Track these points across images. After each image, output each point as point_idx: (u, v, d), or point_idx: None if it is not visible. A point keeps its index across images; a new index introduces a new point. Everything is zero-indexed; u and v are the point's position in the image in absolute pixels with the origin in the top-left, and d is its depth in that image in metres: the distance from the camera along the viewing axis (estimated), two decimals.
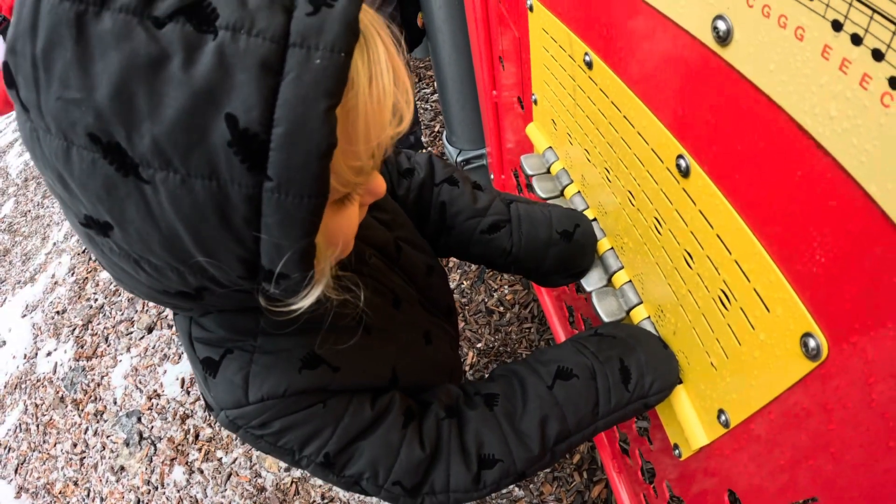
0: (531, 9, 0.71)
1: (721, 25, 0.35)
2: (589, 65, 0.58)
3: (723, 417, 0.49)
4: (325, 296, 0.37)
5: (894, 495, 0.32)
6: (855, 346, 0.32)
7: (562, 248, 0.64)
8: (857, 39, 0.27)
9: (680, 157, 0.45)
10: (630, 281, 0.65)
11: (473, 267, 1.75)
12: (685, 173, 0.45)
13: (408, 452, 0.47)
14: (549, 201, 0.78)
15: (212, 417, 0.46)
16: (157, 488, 1.59)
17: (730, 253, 0.42)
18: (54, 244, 2.67)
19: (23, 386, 2.08)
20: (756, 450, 0.46)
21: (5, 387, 2.11)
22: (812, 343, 0.35)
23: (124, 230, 0.29)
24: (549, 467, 0.55)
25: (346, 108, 0.29)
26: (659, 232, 0.54)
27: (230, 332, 0.42)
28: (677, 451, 0.62)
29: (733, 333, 0.44)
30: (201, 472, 1.58)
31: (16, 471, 1.83)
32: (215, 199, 0.27)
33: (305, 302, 0.34)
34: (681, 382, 0.57)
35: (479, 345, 1.58)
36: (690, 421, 0.55)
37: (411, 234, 0.61)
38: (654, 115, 0.48)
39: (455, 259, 1.75)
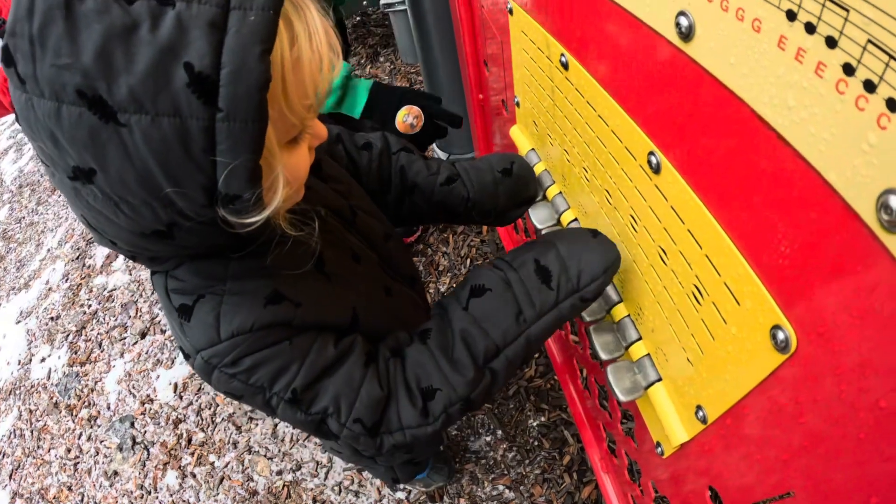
0: (511, 12, 0.72)
1: (683, 21, 0.35)
2: (565, 65, 0.58)
3: (700, 413, 0.49)
4: (282, 229, 0.44)
5: (867, 486, 0.32)
6: (822, 338, 0.32)
7: (508, 184, 0.74)
8: (810, 28, 0.27)
9: (651, 153, 0.45)
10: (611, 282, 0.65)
11: (463, 270, 1.74)
12: (656, 170, 0.45)
13: (368, 390, 0.50)
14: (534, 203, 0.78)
15: (189, 365, 0.49)
16: (150, 493, 1.58)
17: (700, 248, 0.42)
18: (48, 251, 2.67)
19: (17, 392, 2.07)
20: (733, 445, 0.46)
21: (0, 393, 2.10)
22: (781, 335, 0.35)
23: (106, 172, 0.34)
24: (496, 388, 0.55)
25: (294, 59, 0.37)
26: (635, 229, 0.54)
27: (202, 279, 0.46)
28: (660, 450, 0.62)
29: (707, 328, 0.44)
30: (194, 476, 1.57)
31: (10, 476, 1.82)
32: (179, 132, 0.33)
33: (261, 215, 0.39)
34: (616, 267, 0.54)
35: None
36: (670, 418, 0.55)
37: (367, 203, 0.67)
38: (625, 112, 0.48)
39: (441, 260, 1.75)
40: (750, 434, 0.43)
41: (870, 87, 0.25)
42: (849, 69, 0.26)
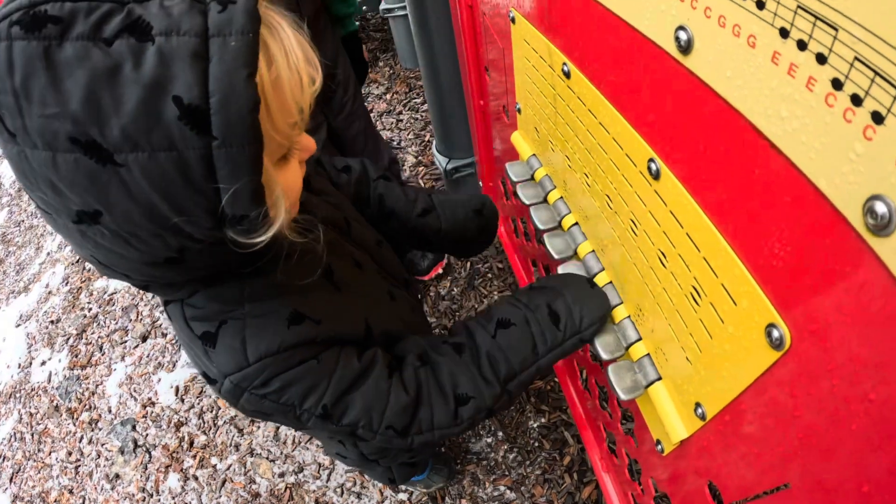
0: (513, 21, 0.74)
1: (682, 35, 0.37)
2: (567, 74, 0.60)
3: (699, 410, 0.51)
4: (287, 239, 0.45)
5: (859, 475, 0.34)
6: (815, 335, 0.34)
7: (478, 222, 0.82)
8: (802, 45, 0.29)
9: (651, 160, 0.47)
10: (610, 282, 0.67)
11: (463, 273, 1.76)
12: (656, 176, 0.47)
13: (395, 397, 0.53)
14: (531, 207, 0.80)
15: (214, 393, 0.52)
16: (151, 495, 1.59)
17: (699, 250, 0.44)
18: (48, 254, 2.67)
19: (17, 395, 2.07)
20: (731, 440, 0.48)
21: (0, 396, 2.10)
22: (776, 333, 0.36)
23: (111, 212, 0.35)
24: (508, 406, 0.64)
25: (273, 79, 0.37)
26: (635, 233, 0.56)
27: (220, 304, 0.47)
28: (660, 447, 0.64)
29: (705, 328, 0.46)
30: (196, 478, 1.58)
31: (10, 479, 1.82)
32: (177, 164, 0.33)
33: (268, 234, 0.40)
34: (609, 314, 0.64)
35: None
36: (670, 416, 0.57)
37: (356, 214, 0.70)
38: (626, 120, 0.50)
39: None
40: (747, 429, 0.45)
41: (856, 100, 0.27)
42: (837, 84, 0.28)
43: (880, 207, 0.26)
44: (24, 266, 2.69)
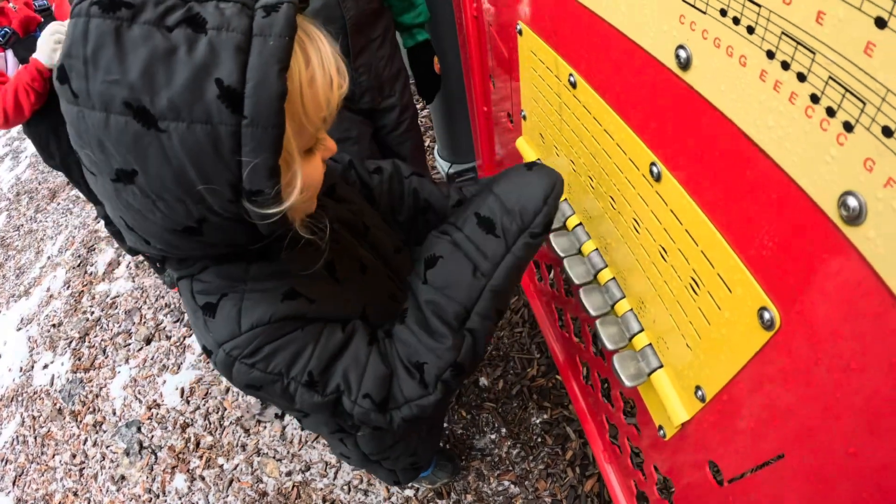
0: (520, 33, 0.79)
1: (682, 53, 0.42)
2: (573, 84, 0.66)
3: (699, 393, 0.55)
4: (296, 232, 0.49)
5: (845, 438, 0.38)
6: (801, 315, 0.39)
7: None
8: (785, 66, 0.34)
9: (653, 164, 0.52)
10: (613, 278, 0.72)
11: None
12: (657, 178, 0.52)
13: (374, 366, 0.55)
14: None
15: (210, 365, 0.55)
16: (158, 496, 1.60)
17: (697, 244, 0.49)
18: (49, 258, 2.68)
19: (19, 398, 2.07)
20: (730, 418, 0.52)
21: (1, 399, 2.10)
22: (767, 315, 0.41)
23: (146, 173, 0.39)
24: (482, 348, 0.57)
25: (309, 77, 0.43)
26: (637, 231, 0.61)
27: (224, 280, 0.52)
28: (662, 432, 0.68)
29: (703, 315, 0.51)
30: (202, 479, 1.59)
31: (14, 483, 1.82)
32: (210, 137, 0.38)
33: (283, 206, 0.44)
34: (558, 191, 0.55)
35: None
36: (672, 400, 0.61)
37: (378, 221, 0.73)
38: (629, 128, 0.55)
39: None
40: (744, 406, 0.49)
41: (831, 112, 0.32)
42: (815, 98, 0.33)
43: (852, 201, 0.31)
44: (24, 270, 2.69)
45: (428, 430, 0.99)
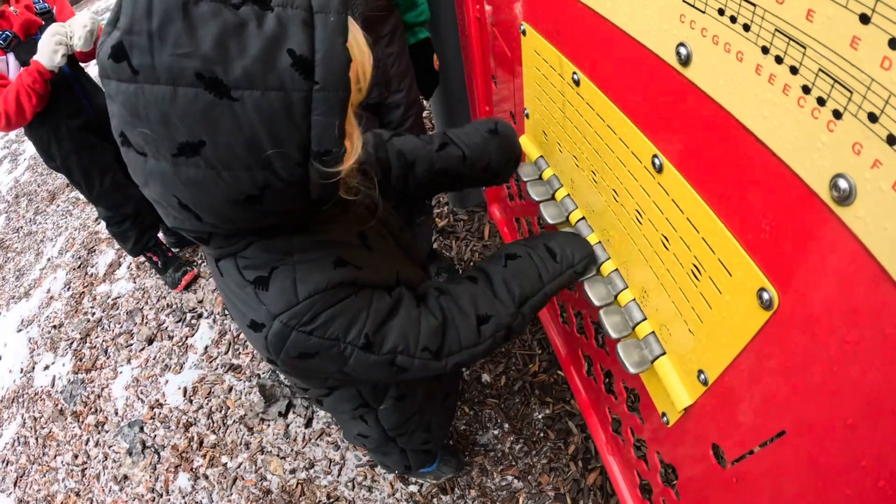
0: (524, 33, 0.82)
1: (683, 50, 0.45)
2: (577, 82, 0.68)
3: (702, 376, 0.58)
4: (344, 194, 0.54)
5: (843, 411, 0.40)
6: (798, 293, 0.41)
7: (496, 141, 0.84)
8: (779, 60, 0.37)
9: (655, 156, 0.55)
10: (616, 269, 0.74)
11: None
12: (659, 170, 0.55)
13: (426, 322, 0.61)
14: (541, 204, 0.88)
15: (258, 343, 0.57)
16: (161, 495, 1.61)
17: (698, 232, 0.51)
18: (48, 260, 2.68)
19: (20, 400, 2.07)
20: (732, 400, 0.55)
21: (2, 401, 2.10)
22: (766, 296, 0.44)
23: (215, 143, 0.41)
24: (524, 328, 0.72)
25: (356, 53, 0.47)
26: (640, 222, 0.63)
27: (271, 254, 0.54)
28: (665, 419, 0.70)
29: (705, 299, 0.53)
30: (206, 477, 1.60)
31: (15, 483, 1.82)
32: (283, 102, 0.41)
33: (348, 163, 0.47)
34: (595, 260, 0.76)
35: None
36: (675, 385, 0.64)
37: (381, 197, 0.77)
38: (632, 122, 0.58)
39: (446, 271, 1.83)
40: (745, 386, 0.52)
41: (821, 102, 0.35)
42: (806, 90, 0.36)
43: (842, 183, 0.34)
44: (23, 272, 2.69)
45: (442, 402, 1.02)
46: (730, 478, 0.60)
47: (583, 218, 0.81)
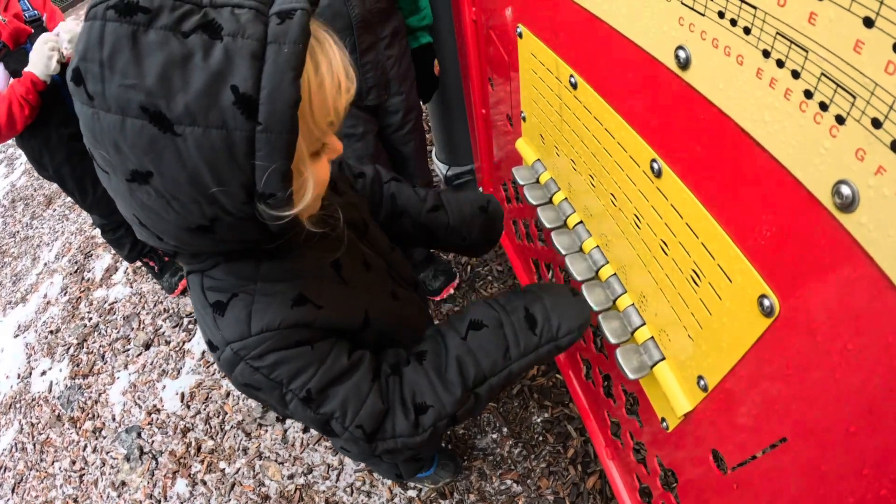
0: (520, 36, 0.81)
1: (682, 54, 0.44)
2: (574, 85, 0.68)
3: (702, 382, 0.57)
4: (305, 229, 0.50)
5: (845, 418, 0.40)
6: (799, 300, 0.41)
7: (483, 219, 0.87)
8: (780, 64, 0.36)
9: (653, 160, 0.54)
10: (615, 274, 0.74)
11: (464, 276, 1.82)
12: (658, 174, 0.54)
13: (373, 402, 0.58)
14: (538, 208, 0.87)
15: (213, 359, 0.57)
16: (159, 501, 1.60)
17: (697, 237, 0.50)
18: (45, 264, 2.67)
19: (17, 406, 2.06)
20: (732, 406, 0.54)
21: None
22: (767, 302, 0.43)
23: (161, 175, 0.40)
24: (478, 411, 0.64)
25: (318, 83, 0.44)
26: (638, 227, 0.62)
27: (235, 279, 0.53)
28: (664, 424, 0.70)
29: (704, 305, 0.52)
30: (204, 483, 1.59)
31: (13, 490, 1.80)
32: (226, 141, 0.39)
33: (295, 209, 0.45)
34: (591, 324, 0.64)
35: None
36: (674, 391, 0.63)
37: (371, 217, 0.75)
38: (630, 126, 0.57)
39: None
40: (746, 392, 0.51)
41: (823, 107, 0.34)
42: (808, 94, 0.35)
43: (845, 190, 0.33)
44: (20, 277, 2.67)
45: None
46: (730, 483, 0.59)
47: (580, 222, 0.80)
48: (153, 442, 1.74)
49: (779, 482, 0.50)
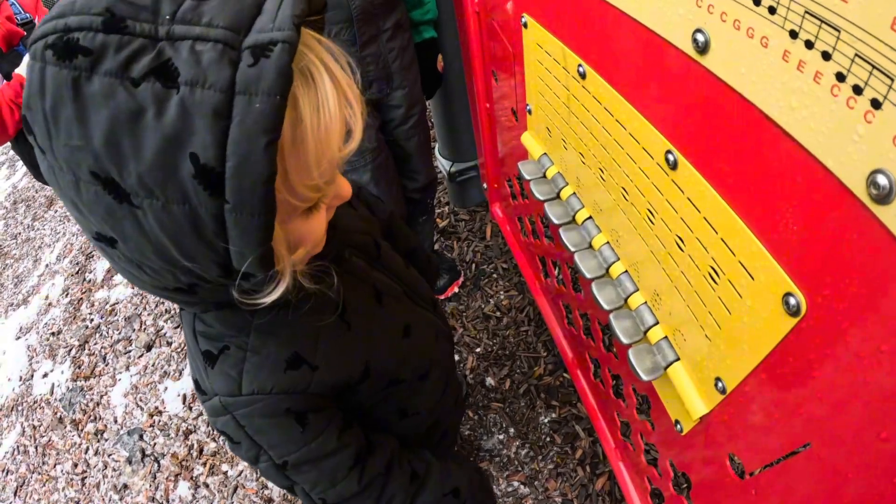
0: (525, 25, 0.78)
1: (700, 37, 0.42)
2: (582, 75, 0.65)
3: (720, 384, 0.55)
4: (301, 285, 0.44)
5: (876, 423, 0.37)
6: (828, 299, 0.38)
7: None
8: (809, 45, 0.34)
9: (668, 152, 0.51)
10: (626, 271, 0.71)
11: (469, 274, 1.80)
12: (673, 166, 0.51)
13: (345, 485, 0.56)
14: (546, 203, 0.84)
15: (199, 401, 0.55)
16: None
17: (716, 232, 0.48)
18: (47, 266, 2.66)
19: (19, 408, 2.05)
20: (752, 409, 0.52)
21: (1, 409, 2.08)
22: (793, 301, 0.41)
23: (126, 243, 0.36)
24: None
25: (297, 141, 0.36)
26: (652, 222, 0.60)
27: (227, 328, 0.49)
28: (679, 427, 0.67)
29: (724, 304, 0.50)
30: (207, 486, 1.58)
31: (15, 493, 1.80)
32: (189, 218, 0.33)
33: (271, 297, 0.40)
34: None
35: (477, 349, 1.62)
36: (689, 394, 0.61)
37: (382, 236, 0.71)
38: (643, 116, 0.55)
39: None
40: (767, 395, 0.49)
41: (857, 90, 0.32)
42: (840, 77, 0.32)
43: (882, 180, 0.31)
44: (21, 279, 2.67)
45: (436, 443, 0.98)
46: (748, 489, 0.57)
47: (590, 217, 0.78)
48: (155, 444, 1.73)
49: (801, 489, 0.48)
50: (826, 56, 0.33)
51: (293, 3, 0.33)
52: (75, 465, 1.79)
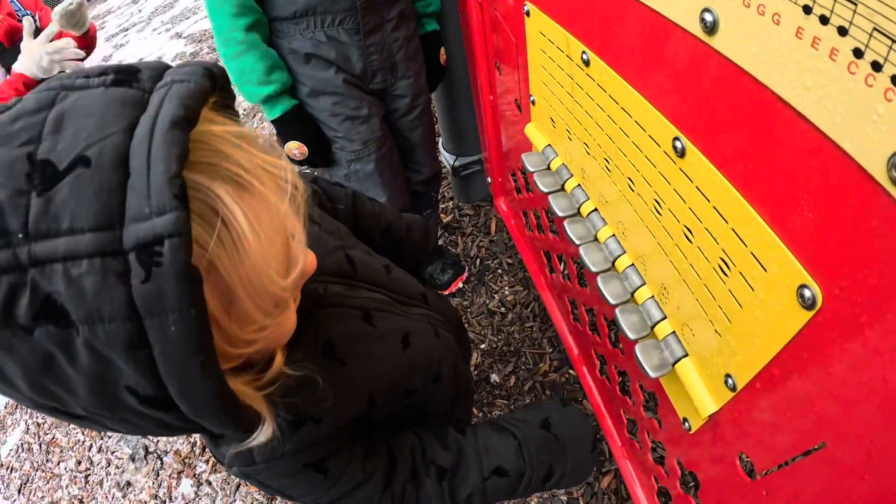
0: (528, 14, 0.77)
1: (708, 17, 0.40)
2: (586, 63, 0.63)
3: (730, 381, 0.53)
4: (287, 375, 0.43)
5: (895, 424, 0.36)
6: (845, 291, 0.36)
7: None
8: (824, 20, 0.32)
9: (676, 139, 0.50)
10: (632, 264, 0.69)
11: (473, 269, 1.78)
12: (681, 154, 0.50)
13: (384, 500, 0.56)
14: (550, 195, 0.83)
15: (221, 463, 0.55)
16: (164, 502, 1.58)
17: (727, 222, 0.46)
18: None
19: (23, 406, 2.06)
20: (764, 407, 0.50)
21: (6, 407, 2.09)
22: (808, 293, 0.39)
23: (110, 429, 0.35)
24: None
25: (230, 303, 0.32)
26: (659, 213, 0.58)
27: None
28: (687, 425, 0.66)
29: (734, 298, 0.48)
30: (210, 483, 1.57)
31: (19, 490, 1.81)
32: (154, 422, 0.32)
33: (260, 439, 0.40)
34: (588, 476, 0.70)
35: (482, 346, 1.60)
36: (698, 391, 0.59)
37: (356, 242, 0.67)
38: (649, 103, 0.53)
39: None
40: (780, 393, 0.47)
41: (877, 66, 0.30)
42: (858, 53, 0.30)
43: None
44: None
45: None
46: (759, 490, 0.55)
47: (595, 209, 0.76)
48: (158, 441, 1.73)
49: (813, 490, 0.46)
50: (842, 31, 0.31)
51: (165, 157, 0.26)
52: (79, 463, 1.79)
